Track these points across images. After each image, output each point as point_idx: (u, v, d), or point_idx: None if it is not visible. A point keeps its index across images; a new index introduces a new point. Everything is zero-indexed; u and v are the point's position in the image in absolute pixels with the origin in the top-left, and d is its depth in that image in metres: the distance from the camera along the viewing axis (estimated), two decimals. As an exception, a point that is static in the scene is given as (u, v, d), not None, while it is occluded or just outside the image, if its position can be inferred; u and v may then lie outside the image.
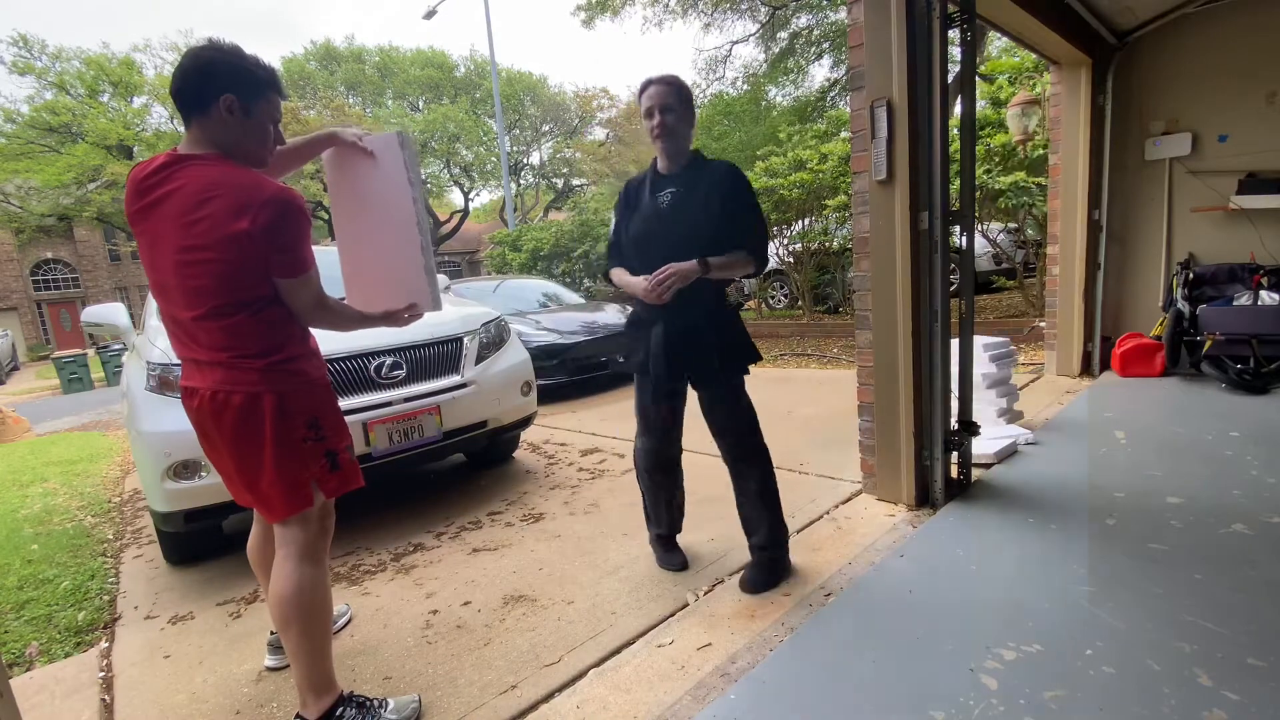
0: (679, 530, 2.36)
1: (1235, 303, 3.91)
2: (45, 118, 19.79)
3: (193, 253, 1.41)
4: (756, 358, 2.06)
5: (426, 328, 3.04)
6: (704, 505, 2.84)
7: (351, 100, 23.82)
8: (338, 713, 1.56)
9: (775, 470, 2.11)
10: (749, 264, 1.96)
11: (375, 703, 1.62)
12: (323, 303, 1.55)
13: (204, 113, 1.46)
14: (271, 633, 1.97)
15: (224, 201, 1.39)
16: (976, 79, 3.27)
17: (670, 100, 1.92)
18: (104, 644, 2.22)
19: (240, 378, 1.46)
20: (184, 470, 2.41)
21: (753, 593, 2.04)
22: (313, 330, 1.64)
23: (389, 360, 2.84)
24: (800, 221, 8.44)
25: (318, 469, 1.55)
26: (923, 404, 2.54)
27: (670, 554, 2.33)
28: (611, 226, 2.14)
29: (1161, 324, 4.29)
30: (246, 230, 1.37)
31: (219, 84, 1.44)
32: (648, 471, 2.23)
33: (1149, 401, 3.82)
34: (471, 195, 26.18)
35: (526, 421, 3.54)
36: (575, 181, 26.90)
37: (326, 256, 1.90)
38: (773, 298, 10.29)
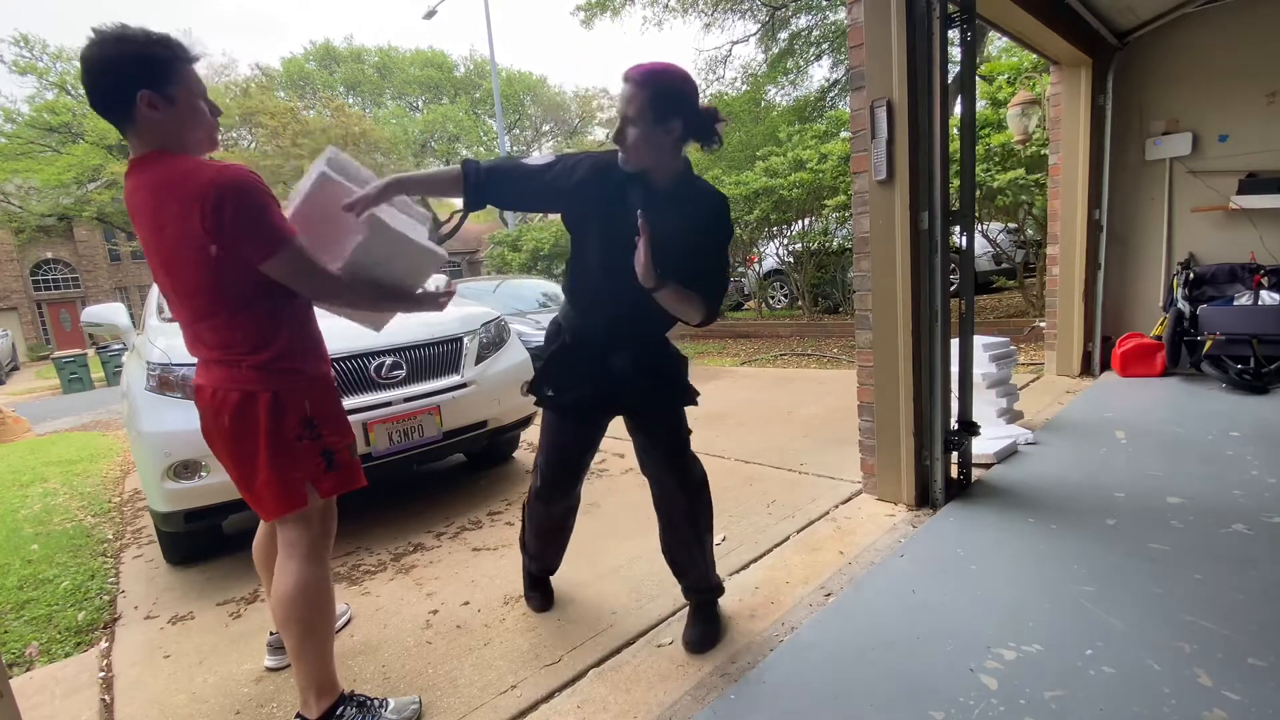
0: (554, 572, 2.17)
1: (1236, 303, 3.91)
2: (45, 117, 19.80)
3: (169, 254, 1.40)
4: (695, 399, 1.80)
5: (426, 328, 3.05)
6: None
7: (351, 100, 23.82)
8: (338, 712, 1.56)
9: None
10: (698, 310, 1.59)
11: (375, 702, 1.62)
12: (316, 272, 1.43)
13: (126, 117, 1.35)
14: (271, 633, 1.97)
15: (173, 200, 1.34)
16: (976, 79, 3.26)
17: (631, 108, 1.48)
18: (104, 644, 2.22)
19: (236, 375, 1.45)
20: (184, 470, 2.41)
21: (698, 652, 1.77)
22: (320, 325, 1.62)
23: (389, 360, 2.83)
24: (800, 221, 8.45)
25: (312, 468, 1.52)
26: (923, 404, 2.54)
27: (539, 593, 2.14)
28: (540, 161, 1.63)
29: (1162, 324, 4.29)
30: (199, 222, 1.31)
31: (127, 81, 1.31)
32: (540, 516, 1.97)
33: (1149, 401, 3.82)
34: (472, 195, 26.14)
35: (526, 421, 3.54)
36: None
37: None
38: (773, 298, 10.29)
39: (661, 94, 1.47)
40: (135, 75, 1.32)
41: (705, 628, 1.83)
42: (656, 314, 1.62)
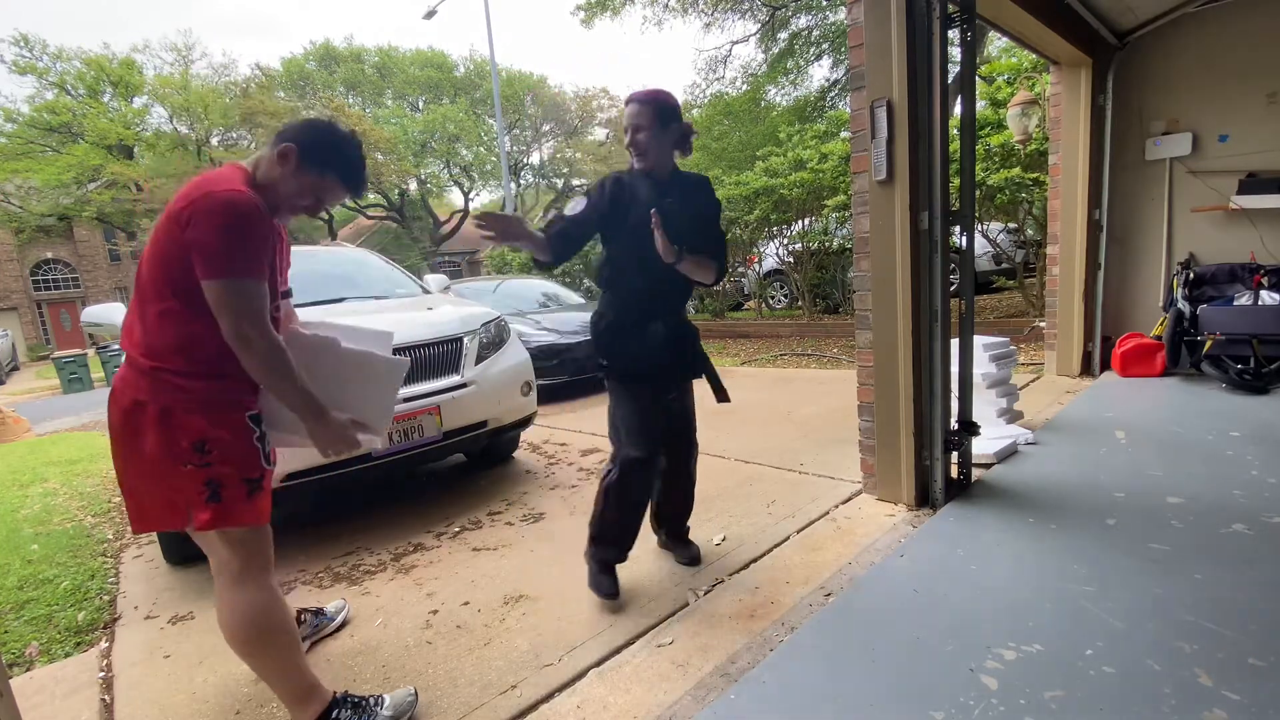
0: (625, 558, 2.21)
1: (1236, 303, 3.91)
2: (45, 117, 19.82)
3: (151, 243, 1.44)
4: (710, 368, 2.24)
5: (426, 328, 3.05)
6: (703, 505, 2.84)
7: (351, 100, 23.82)
8: (333, 715, 1.55)
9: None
10: (711, 271, 2.03)
11: (371, 701, 1.61)
12: (244, 322, 1.37)
13: (270, 146, 1.51)
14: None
15: (183, 198, 1.40)
16: (976, 79, 3.26)
17: (641, 119, 1.97)
18: (104, 644, 2.22)
19: (134, 379, 1.42)
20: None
21: (698, 563, 2.32)
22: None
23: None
24: (800, 221, 8.44)
25: (193, 494, 1.41)
26: (923, 404, 2.54)
27: (611, 578, 2.14)
28: (580, 205, 2.02)
29: (1162, 324, 4.29)
30: (178, 209, 1.38)
31: (296, 135, 1.50)
32: (641, 488, 2.07)
33: (1149, 401, 3.82)
34: (471, 195, 26.16)
35: (526, 421, 3.54)
36: (575, 181, 26.90)
37: (309, 261, 1.89)
38: (773, 298, 10.28)
39: (664, 106, 1.98)
40: (306, 142, 1.49)
41: (692, 544, 2.37)
42: (677, 287, 2.07)
